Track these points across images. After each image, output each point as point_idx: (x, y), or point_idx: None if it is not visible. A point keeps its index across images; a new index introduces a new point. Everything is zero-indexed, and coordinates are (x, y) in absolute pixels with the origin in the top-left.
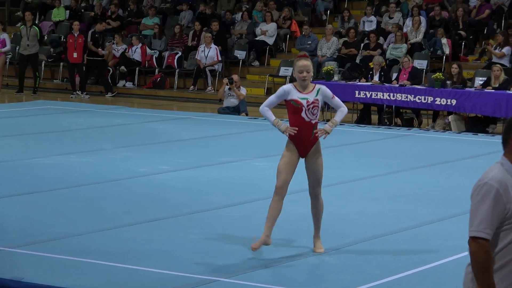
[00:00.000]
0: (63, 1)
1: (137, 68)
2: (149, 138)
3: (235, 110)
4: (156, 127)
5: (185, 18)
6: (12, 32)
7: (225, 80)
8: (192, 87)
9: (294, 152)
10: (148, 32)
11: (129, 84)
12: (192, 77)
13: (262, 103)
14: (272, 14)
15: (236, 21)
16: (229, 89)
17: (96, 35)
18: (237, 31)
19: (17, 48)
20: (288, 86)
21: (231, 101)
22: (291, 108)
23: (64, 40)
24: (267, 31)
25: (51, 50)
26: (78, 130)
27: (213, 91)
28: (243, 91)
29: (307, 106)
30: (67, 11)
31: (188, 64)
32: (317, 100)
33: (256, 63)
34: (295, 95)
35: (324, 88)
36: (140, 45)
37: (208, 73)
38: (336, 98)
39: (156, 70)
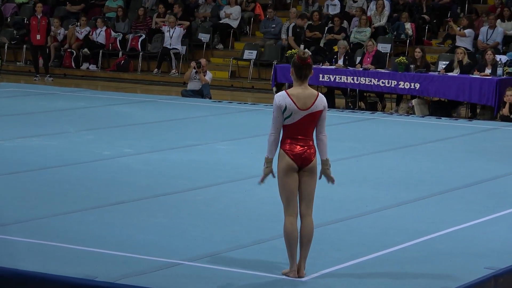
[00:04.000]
0: None
1: (100, 51)
2: (112, 121)
3: (198, 93)
4: (120, 110)
5: (149, 1)
6: None
7: (193, 64)
8: (156, 70)
9: None
10: (112, 15)
11: (92, 67)
12: (156, 60)
13: (226, 86)
14: None
15: (200, 4)
16: (196, 72)
17: None
18: (201, 14)
19: None
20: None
21: (195, 84)
22: None
23: (28, 22)
24: (231, 14)
25: (14, 32)
26: (41, 113)
27: (177, 74)
28: (209, 76)
29: None
30: None
31: (151, 47)
32: None
33: (220, 46)
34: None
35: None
36: (104, 28)
37: (172, 56)
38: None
39: (120, 53)
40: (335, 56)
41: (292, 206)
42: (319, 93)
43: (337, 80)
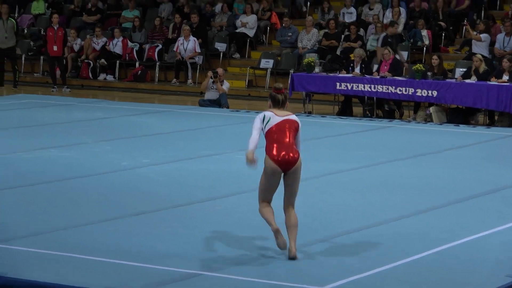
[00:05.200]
0: None
1: (117, 61)
2: (130, 132)
3: (216, 103)
4: (137, 120)
5: (165, 11)
6: None
7: (210, 73)
8: (174, 80)
9: None
10: (128, 25)
11: (110, 77)
12: (172, 70)
13: (243, 95)
14: (252, 6)
15: (216, 13)
16: (213, 82)
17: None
18: (217, 23)
19: None
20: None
21: (213, 94)
22: None
23: (44, 33)
24: (248, 23)
25: (31, 43)
26: (58, 124)
27: (194, 84)
28: (226, 85)
29: None
30: (47, 4)
31: (168, 57)
32: None
33: (237, 55)
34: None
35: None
36: (121, 38)
37: (189, 65)
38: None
39: (137, 63)
40: (351, 64)
41: (267, 197)
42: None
43: (354, 88)
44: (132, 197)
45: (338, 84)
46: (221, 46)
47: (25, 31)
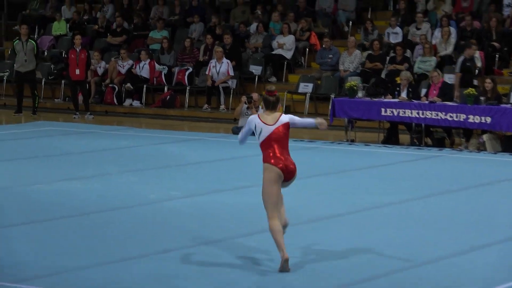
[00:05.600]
0: (64, 14)
1: (144, 86)
2: (158, 162)
3: None
4: (166, 149)
5: (196, 31)
6: (9, 48)
7: (244, 98)
8: (206, 105)
9: None
10: (156, 47)
11: (136, 103)
12: (204, 95)
13: None
14: (289, 25)
15: (251, 34)
16: (247, 108)
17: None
18: (252, 45)
19: (13, 65)
20: None
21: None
22: None
23: (66, 55)
24: (285, 44)
25: (52, 66)
26: (81, 154)
27: (227, 110)
28: (261, 111)
29: None
30: (69, 25)
31: (199, 81)
32: None
33: (273, 79)
34: None
35: None
36: (148, 60)
37: (221, 90)
38: None
39: (165, 88)
40: (397, 88)
41: (275, 210)
42: (282, 112)
43: (400, 114)
44: (160, 233)
45: (383, 109)
46: (256, 69)
47: (46, 53)
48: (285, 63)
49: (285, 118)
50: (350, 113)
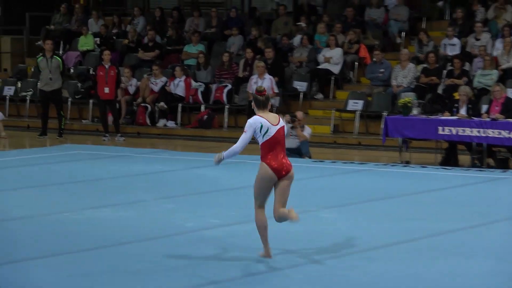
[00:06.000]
0: (91, 27)
1: (179, 105)
2: (195, 187)
3: (296, 152)
4: (203, 173)
5: (235, 45)
6: (32, 65)
7: (287, 117)
8: None
9: None
10: (191, 62)
11: (171, 124)
12: (244, 114)
13: (327, 143)
14: (337, 38)
15: (294, 47)
16: (291, 127)
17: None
18: (296, 59)
19: (37, 83)
20: None
21: (292, 142)
22: None
23: (94, 73)
24: (332, 58)
25: (79, 85)
26: (111, 179)
27: None
28: (308, 131)
29: None
30: (96, 39)
31: (239, 99)
32: None
33: (320, 95)
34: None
35: None
36: (183, 77)
37: None
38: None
39: (202, 107)
40: (456, 105)
41: (263, 203)
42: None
43: (459, 133)
44: (200, 263)
45: (440, 128)
46: (300, 85)
47: (72, 70)
48: (332, 78)
49: (283, 121)
50: (404, 133)
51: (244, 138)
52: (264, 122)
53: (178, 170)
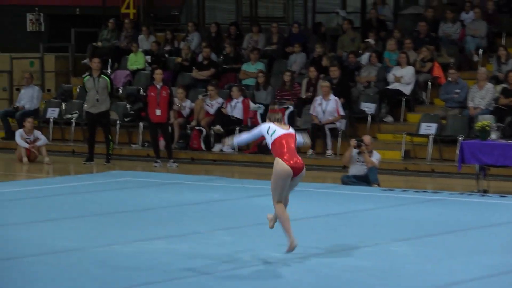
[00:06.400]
0: (142, 44)
1: (237, 128)
2: (255, 218)
3: (363, 180)
4: (263, 203)
5: (297, 63)
6: (77, 85)
7: (353, 142)
8: (310, 150)
9: None
10: (250, 82)
11: (227, 149)
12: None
13: (397, 169)
14: (408, 55)
15: (362, 65)
16: (358, 153)
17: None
18: (364, 78)
19: (83, 105)
20: None
21: (359, 168)
22: None
23: (144, 93)
24: (403, 77)
25: (128, 106)
26: (163, 209)
27: (334, 155)
28: (376, 156)
29: None
30: (147, 57)
31: (302, 122)
32: None
33: (389, 118)
34: None
35: None
36: (241, 98)
37: (327, 132)
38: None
39: None
40: None
41: (281, 198)
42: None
43: None
44: None
45: None
46: (368, 107)
47: (120, 91)
48: (403, 99)
49: (293, 129)
50: (482, 159)
51: (252, 131)
52: (272, 125)
53: (235, 199)
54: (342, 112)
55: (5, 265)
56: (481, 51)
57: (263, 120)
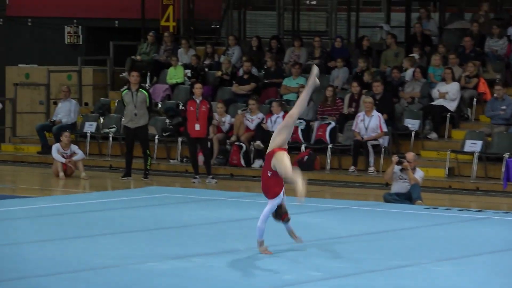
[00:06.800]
0: (181, 58)
1: None
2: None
3: (406, 197)
4: (303, 220)
5: (339, 78)
6: (115, 99)
7: (395, 159)
8: (352, 167)
9: None
10: (291, 97)
11: None
12: (349, 155)
13: (441, 187)
14: (453, 71)
15: (406, 81)
16: (401, 170)
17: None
18: (408, 94)
19: (121, 119)
20: None
21: (402, 186)
22: None
23: (183, 108)
24: (447, 93)
25: (167, 121)
26: (202, 226)
27: (377, 172)
28: (419, 174)
29: None
30: (187, 71)
31: (344, 138)
32: None
33: (434, 135)
34: None
35: None
36: (282, 113)
37: (370, 149)
38: None
39: (303, 146)
40: None
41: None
42: None
43: None
44: None
45: None
46: (412, 124)
47: (159, 105)
48: (448, 116)
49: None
50: None
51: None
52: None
53: None
54: (385, 129)
55: (42, 282)
56: None
57: (304, 136)
